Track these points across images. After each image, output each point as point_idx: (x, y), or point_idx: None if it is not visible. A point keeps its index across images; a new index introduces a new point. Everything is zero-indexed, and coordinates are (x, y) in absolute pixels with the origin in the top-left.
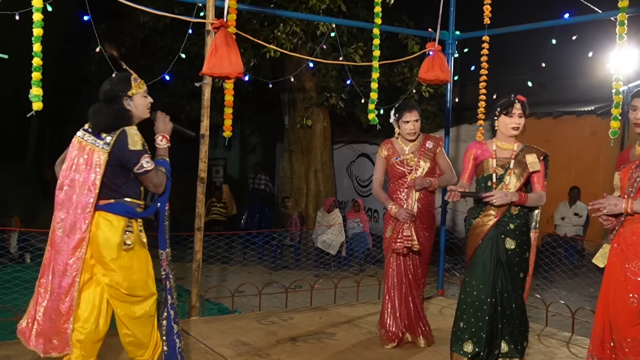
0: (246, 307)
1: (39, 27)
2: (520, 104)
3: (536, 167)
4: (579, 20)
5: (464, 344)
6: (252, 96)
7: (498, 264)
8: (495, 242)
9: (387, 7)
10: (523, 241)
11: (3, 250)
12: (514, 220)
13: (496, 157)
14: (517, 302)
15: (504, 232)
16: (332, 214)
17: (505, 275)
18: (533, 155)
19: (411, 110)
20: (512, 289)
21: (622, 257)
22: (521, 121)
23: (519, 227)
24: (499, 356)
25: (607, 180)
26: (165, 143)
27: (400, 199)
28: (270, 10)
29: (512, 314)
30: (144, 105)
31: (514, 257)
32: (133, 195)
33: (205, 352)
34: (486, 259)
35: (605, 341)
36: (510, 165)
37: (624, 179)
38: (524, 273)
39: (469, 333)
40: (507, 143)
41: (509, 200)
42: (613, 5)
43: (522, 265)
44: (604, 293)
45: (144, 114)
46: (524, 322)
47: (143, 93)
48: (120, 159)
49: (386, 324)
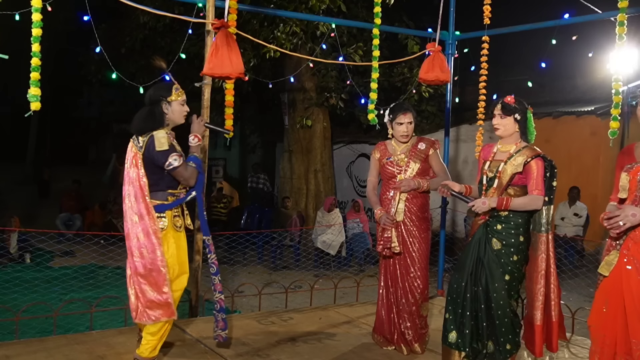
0: (246, 307)
1: (38, 27)
2: (501, 105)
3: (518, 169)
4: (579, 20)
5: (449, 335)
6: (252, 96)
7: (479, 262)
8: (480, 241)
9: (387, 7)
10: (510, 243)
11: (3, 250)
12: (502, 221)
13: (492, 159)
14: (498, 303)
15: (491, 232)
16: (332, 214)
17: (487, 274)
18: (521, 157)
19: (405, 112)
20: (494, 289)
21: (635, 266)
22: (501, 122)
23: (507, 229)
24: (486, 355)
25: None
26: (197, 142)
27: (389, 199)
28: (270, 10)
29: (494, 314)
30: (181, 112)
31: (499, 257)
32: (165, 187)
33: (205, 352)
34: (468, 256)
35: (618, 354)
36: (499, 168)
37: (633, 181)
38: (510, 276)
39: (452, 323)
40: (507, 145)
41: (488, 207)
42: (613, 5)
43: (507, 268)
44: (615, 304)
45: (180, 120)
46: (506, 324)
47: (181, 101)
48: (151, 159)
49: (377, 329)
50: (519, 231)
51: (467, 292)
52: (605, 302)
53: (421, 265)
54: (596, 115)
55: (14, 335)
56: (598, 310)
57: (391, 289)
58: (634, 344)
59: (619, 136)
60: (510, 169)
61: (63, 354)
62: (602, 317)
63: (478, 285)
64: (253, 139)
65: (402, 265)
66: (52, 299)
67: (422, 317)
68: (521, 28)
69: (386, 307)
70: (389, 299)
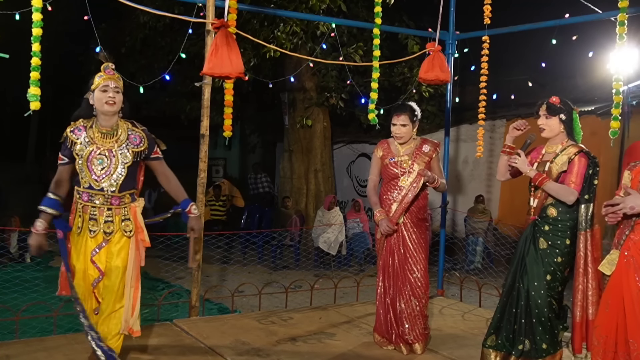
0: (246, 307)
1: (38, 27)
2: (546, 106)
3: (563, 168)
4: (579, 20)
5: (488, 338)
6: (252, 96)
7: (522, 261)
8: (527, 239)
9: (387, 7)
10: (556, 244)
11: (3, 250)
12: (550, 222)
13: (540, 160)
14: (536, 302)
15: (539, 232)
16: (333, 212)
17: (528, 272)
18: (566, 155)
19: (399, 114)
20: (533, 287)
21: (634, 267)
22: (546, 122)
23: (554, 230)
24: (522, 352)
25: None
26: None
27: (391, 199)
28: (270, 10)
29: (531, 312)
30: (100, 99)
31: (543, 257)
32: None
33: (205, 352)
34: (516, 255)
35: (618, 353)
36: (545, 169)
37: (634, 180)
38: (552, 276)
39: (494, 325)
40: (553, 145)
41: (526, 171)
42: (613, 5)
43: (550, 268)
44: (616, 305)
45: (101, 108)
46: (544, 324)
47: (102, 87)
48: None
49: (377, 328)
50: (566, 234)
51: (511, 290)
52: (607, 303)
53: (422, 265)
54: (596, 115)
55: (14, 334)
56: (602, 311)
57: (389, 289)
58: (632, 344)
59: (619, 136)
60: (555, 168)
61: (63, 354)
62: (605, 317)
63: (519, 283)
64: (253, 139)
65: (401, 266)
66: (52, 299)
67: (425, 317)
68: (521, 28)
69: (384, 307)
70: (387, 299)
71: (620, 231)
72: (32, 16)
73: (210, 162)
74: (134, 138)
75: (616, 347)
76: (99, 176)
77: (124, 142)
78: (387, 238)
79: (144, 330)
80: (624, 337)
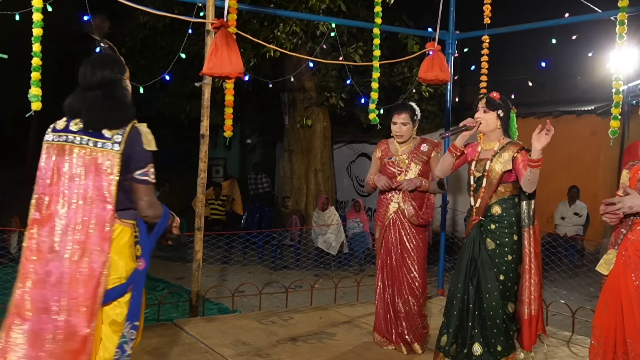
0: (246, 307)
1: (38, 27)
2: (486, 100)
3: (507, 167)
4: (579, 20)
5: (441, 338)
6: (252, 96)
7: (472, 263)
8: (475, 241)
9: (387, 7)
10: (504, 243)
11: (3, 250)
12: (495, 220)
13: (478, 158)
14: (490, 304)
15: (485, 232)
16: (327, 212)
17: (480, 275)
18: (507, 153)
19: (400, 112)
20: (486, 290)
21: (631, 267)
22: (484, 116)
23: (501, 228)
24: (466, 356)
25: (607, 179)
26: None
27: (388, 198)
28: (270, 10)
29: (485, 315)
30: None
31: (493, 257)
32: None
33: (206, 352)
34: (463, 256)
35: (617, 353)
36: (486, 167)
37: (633, 179)
38: (505, 276)
39: (445, 327)
40: (490, 142)
41: (539, 156)
42: (613, 5)
43: (502, 268)
44: (614, 305)
45: None
46: (498, 326)
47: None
48: (128, 158)
49: (377, 328)
50: (512, 229)
51: (458, 293)
52: (605, 303)
53: (420, 265)
54: (596, 115)
55: None
56: (600, 311)
57: (388, 288)
58: (629, 344)
59: (619, 135)
60: (498, 167)
61: None
62: (604, 317)
63: (469, 286)
64: (253, 139)
65: (400, 265)
66: None
67: (423, 316)
68: (521, 28)
69: (384, 307)
70: (386, 298)
71: (618, 230)
72: (32, 16)
73: (210, 162)
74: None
75: (615, 346)
76: None
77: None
78: (385, 238)
79: (144, 330)
80: (622, 337)
